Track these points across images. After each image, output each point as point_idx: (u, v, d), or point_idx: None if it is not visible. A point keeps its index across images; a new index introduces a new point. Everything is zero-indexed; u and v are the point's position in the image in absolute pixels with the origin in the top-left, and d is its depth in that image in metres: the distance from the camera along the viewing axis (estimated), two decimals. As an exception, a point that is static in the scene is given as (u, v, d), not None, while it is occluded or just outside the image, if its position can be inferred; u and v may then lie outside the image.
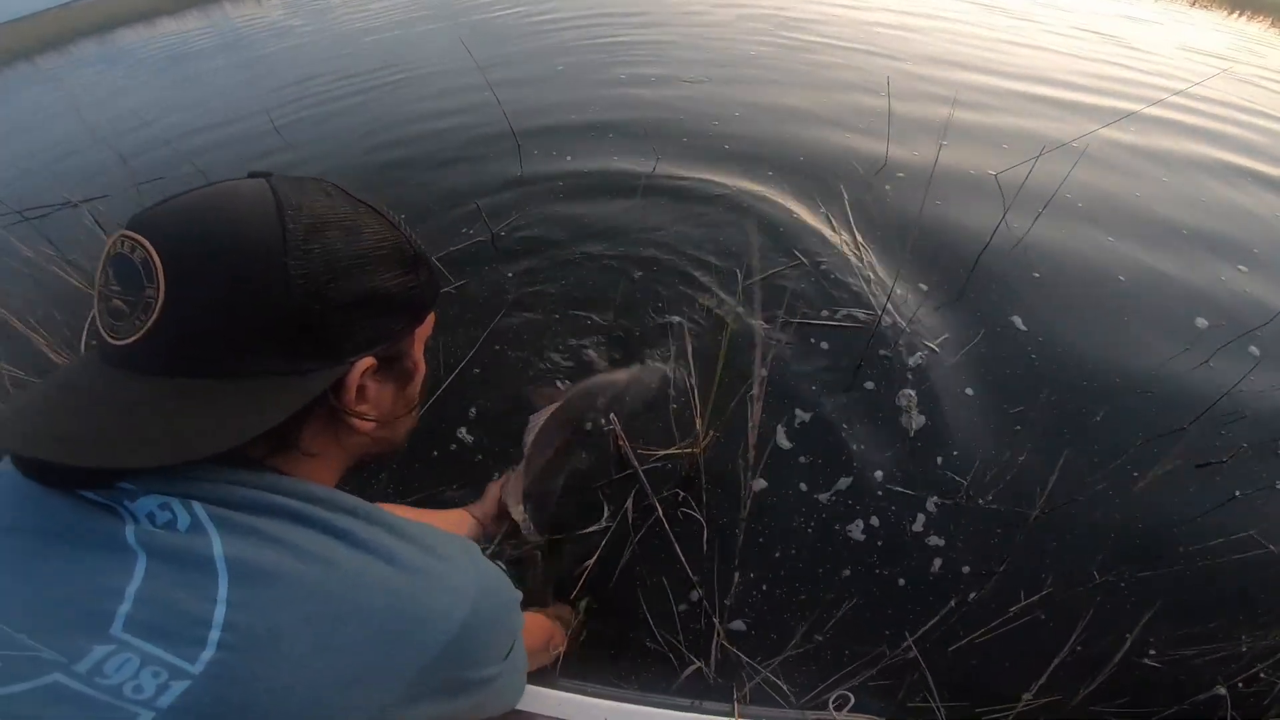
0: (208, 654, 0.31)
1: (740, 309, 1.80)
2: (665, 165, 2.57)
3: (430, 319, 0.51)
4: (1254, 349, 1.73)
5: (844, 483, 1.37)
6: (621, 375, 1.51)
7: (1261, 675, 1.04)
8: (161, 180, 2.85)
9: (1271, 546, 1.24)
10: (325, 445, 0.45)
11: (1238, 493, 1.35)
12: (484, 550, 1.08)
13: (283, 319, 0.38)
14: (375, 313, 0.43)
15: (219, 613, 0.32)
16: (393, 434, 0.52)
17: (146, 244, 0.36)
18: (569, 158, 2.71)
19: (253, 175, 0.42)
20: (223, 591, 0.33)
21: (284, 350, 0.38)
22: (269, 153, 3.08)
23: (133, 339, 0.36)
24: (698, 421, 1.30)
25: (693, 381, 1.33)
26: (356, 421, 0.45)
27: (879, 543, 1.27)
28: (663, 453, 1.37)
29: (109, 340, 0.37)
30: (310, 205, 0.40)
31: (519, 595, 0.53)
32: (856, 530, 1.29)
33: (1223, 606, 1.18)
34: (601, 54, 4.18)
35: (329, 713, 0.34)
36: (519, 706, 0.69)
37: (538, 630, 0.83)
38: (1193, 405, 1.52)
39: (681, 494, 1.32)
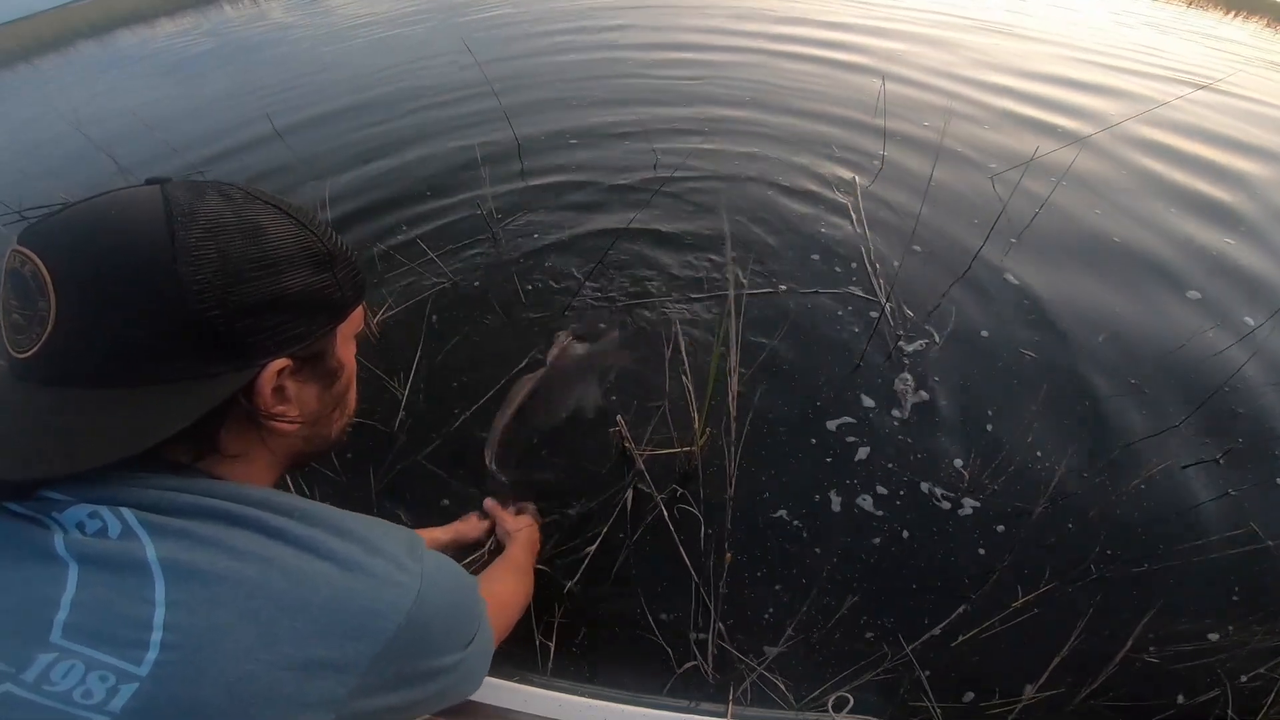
0: (152, 655, 0.32)
1: (737, 305, 1.80)
2: (664, 159, 2.57)
3: (357, 315, 0.51)
4: (1249, 319, 1.76)
5: (843, 478, 1.36)
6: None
7: (1262, 671, 1.04)
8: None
9: (1270, 541, 1.24)
10: (248, 446, 0.45)
11: (1230, 490, 1.34)
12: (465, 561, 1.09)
13: (180, 326, 0.37)
14: (285, 314, 0.42)
15: (158, 614, 0.33)
16: (324, 432, 0.52)
17: (34, 257, 0.36)
18: (571, 141, 2.74)
19: (150, 181, 0.41)
20: (160, 593, 0.33)
21: (186, 356, 0.38)
22: (269, 153, 3.06)
23: (32, 351, 0.37)
24: (695, 419, 1.30)
25: (689, 382, 1.33)
26: (277, 423, 0.45)
27: (880, 539, 1.26)
28: (662, 451, 1.36)
29: (13, 354, 0.38)
30: (205, 210, 0.39)
31: (474, 580, 0.54)
32: (857, 526, 1.28)
33: (1223, 603, 1.18)
34: (602, 52, 4.17)
35: (283, 705, 0.34)
36: (514, 707, 0.69)
37: (507, 598, 0.83)
38: (1189, 399, 1.52)
39: (680, 490, 1.32)
